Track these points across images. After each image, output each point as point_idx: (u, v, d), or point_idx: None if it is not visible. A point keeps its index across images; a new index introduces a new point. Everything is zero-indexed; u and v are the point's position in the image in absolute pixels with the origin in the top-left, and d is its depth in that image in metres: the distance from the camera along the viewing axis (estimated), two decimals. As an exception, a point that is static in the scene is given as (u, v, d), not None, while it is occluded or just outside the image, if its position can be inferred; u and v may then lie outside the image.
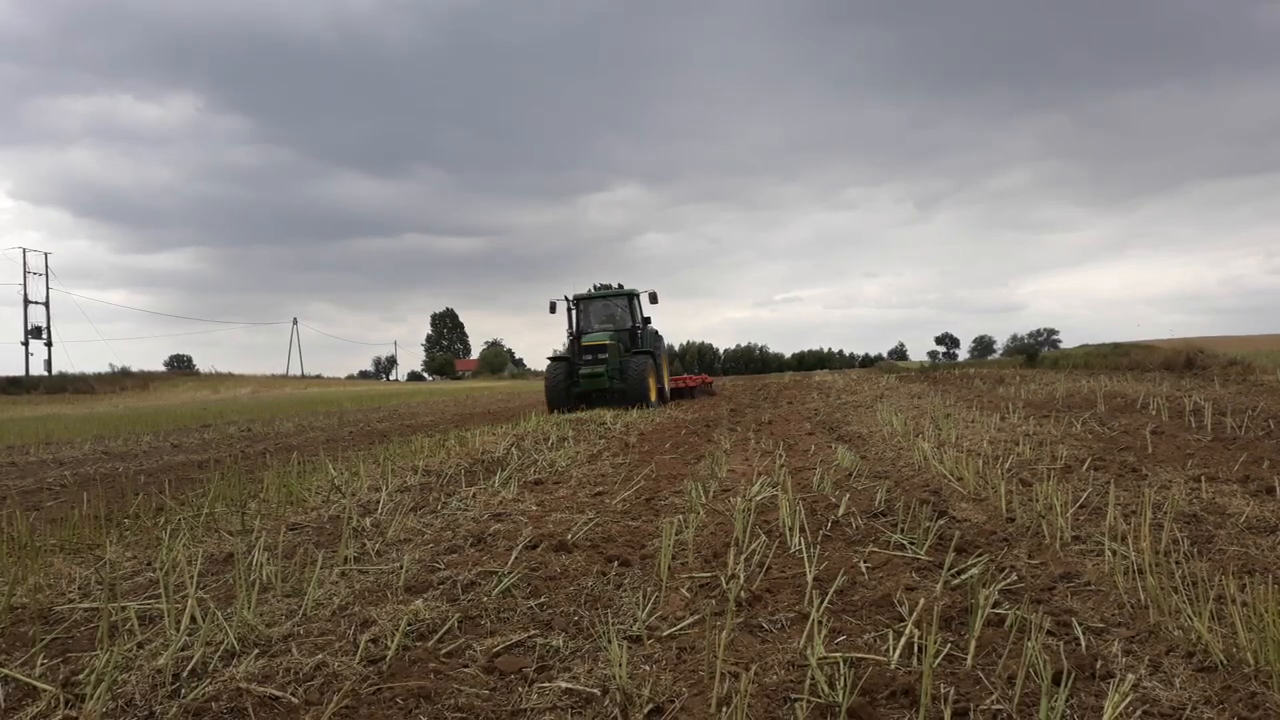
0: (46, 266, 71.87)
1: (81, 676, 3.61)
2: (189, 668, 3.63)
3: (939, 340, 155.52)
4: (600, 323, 24.29)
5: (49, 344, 70.44)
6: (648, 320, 24.67)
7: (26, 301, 70.15)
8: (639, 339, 23.94)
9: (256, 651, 3.82)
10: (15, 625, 4.50)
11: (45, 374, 66.99)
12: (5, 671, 3.71)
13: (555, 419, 17.64)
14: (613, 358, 22.09)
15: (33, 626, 4.42)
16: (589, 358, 22.09)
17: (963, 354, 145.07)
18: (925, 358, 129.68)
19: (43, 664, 3.83)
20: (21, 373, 66.33)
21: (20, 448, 17.81)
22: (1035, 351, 70.50)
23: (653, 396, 21.99)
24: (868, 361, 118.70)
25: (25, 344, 69.17)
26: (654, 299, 23.73)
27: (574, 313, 24.08)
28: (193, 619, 4.20)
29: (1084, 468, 8.06)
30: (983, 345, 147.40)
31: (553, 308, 23.37)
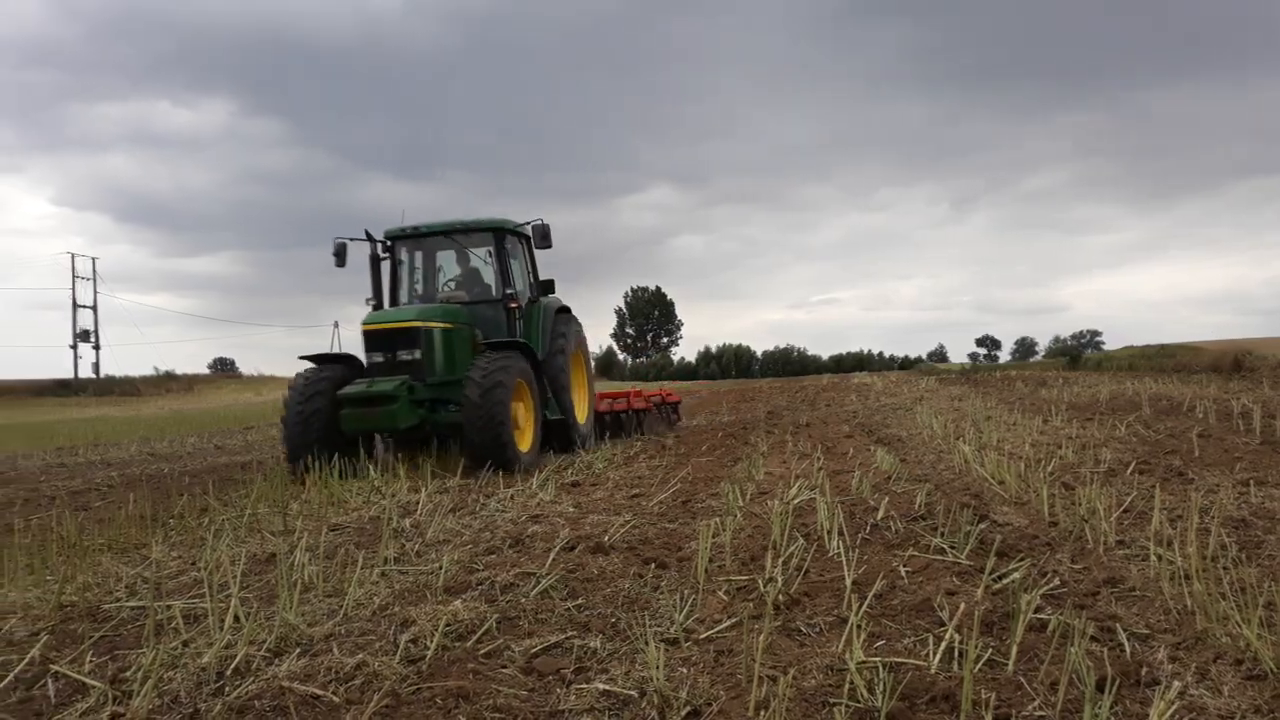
0: (94, 271, 73.21)
1: (129, 674, 3.67)
2: (233, 666, 3.68)
3: (979, 342, 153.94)
4: (441, 288, 12.87)
5: (97, 347, 71.77)
6: (545, 286, 13.26)
7: (75, 306, 71.59)
8: (513, 321, 12.19)
9: (298, 651, 3.87)
10: (65, 623, 4.59)
11: (93, 377, 68.26)
12: (56, 668, 3.79)
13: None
14: (436, 361, 11.07)
15: (82, 624, 4.51)
16: (379, 358, 11.07)
17: (1004, 356, 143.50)
18: (965, 359, 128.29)
19: (91, 661, 3.91)
20: (70, 375, 67.68)
21: (70, 449, 18.18)
22: (1078, 353, 69.51)
23: (525, 445, 10.97)
24: (907, 363, 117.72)
25: (74, 347, 70.58)
26: (545, 236, 12.26)
27: (389, 266, 12.43)
28: (236, 618, 4.26)
29: (1128, 471, 7.93)
30: (1024, 347, 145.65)
31: (340, 255, 12.10)
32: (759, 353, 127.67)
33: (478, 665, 3.64)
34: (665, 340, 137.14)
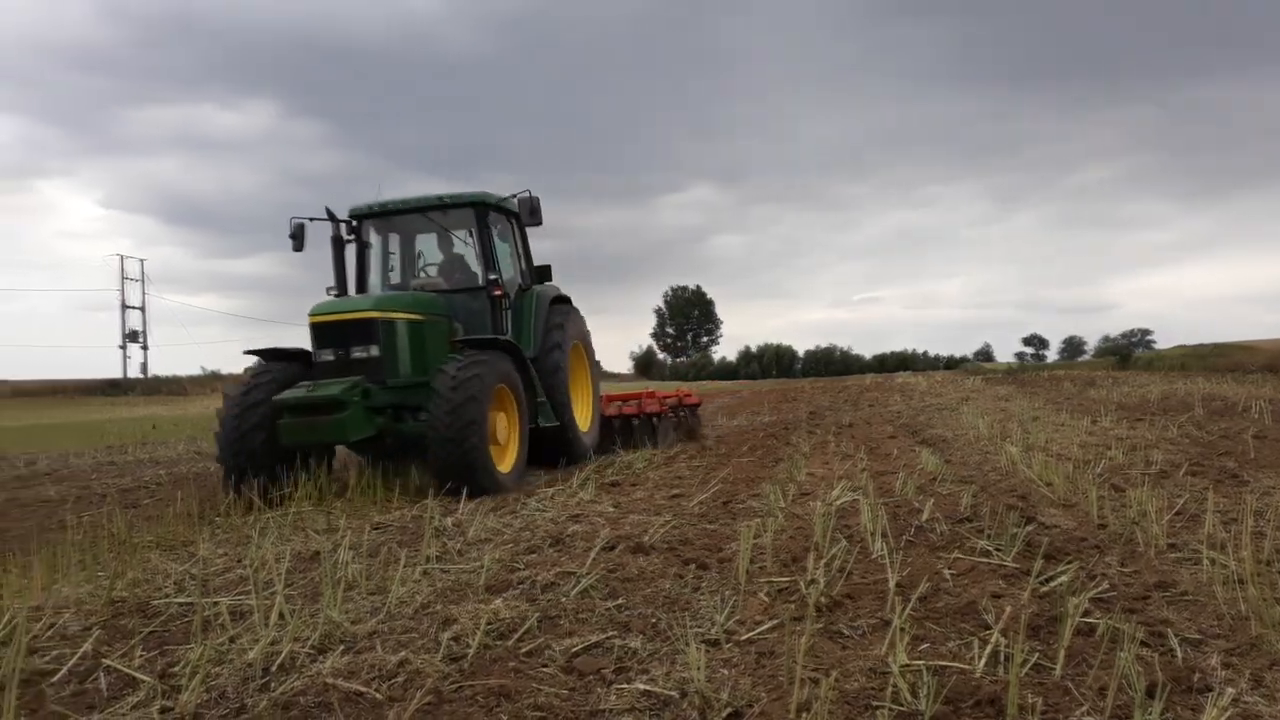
0: (143, 273, 74.53)
1: (177, 668, 3.74)
2: (278, 662, 3.73)
3: (1026, 341, 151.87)
4: (417, 274, 11.24)
5: (145, 347, 73.12)
6: (540, 272, 11.47)
7: (124, 307, 72.98)
8: (499, 313, 10.46)
9: (342, 648, 3.90)
10: (115, 618, 4.68)
11: (141, 376, 69.59)
12: (107, 662, 3.87)
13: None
14: (399, 360, 9.44)
15: (132, 619, 4.60)
16: (329, 355, 9.31)
17: (1051, 355, 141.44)
18: (1012, 359, 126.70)
19: (141, 656, 3.98)
20: (119, 375, 69.05)
21: (119, 447, 18.55)
22: (1128, 353, 68.37)
23: (506, 463, 9.38)
24: (952, 363, 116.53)
25: (123, 347, 71.96)
26: (534, 212, 10.34)
27: (355, 250, 10.76)
28: (281, 615, 4.31)
29: (1180, 473, 7.77)
30: (1072, 346, 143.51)
31: (298, 237, 10.26)
32: (801, 352, 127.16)
33: (519, 664, 3.65)
34: (705, 340, 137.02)
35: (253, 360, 9.71)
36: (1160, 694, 3.06)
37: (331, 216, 10.46)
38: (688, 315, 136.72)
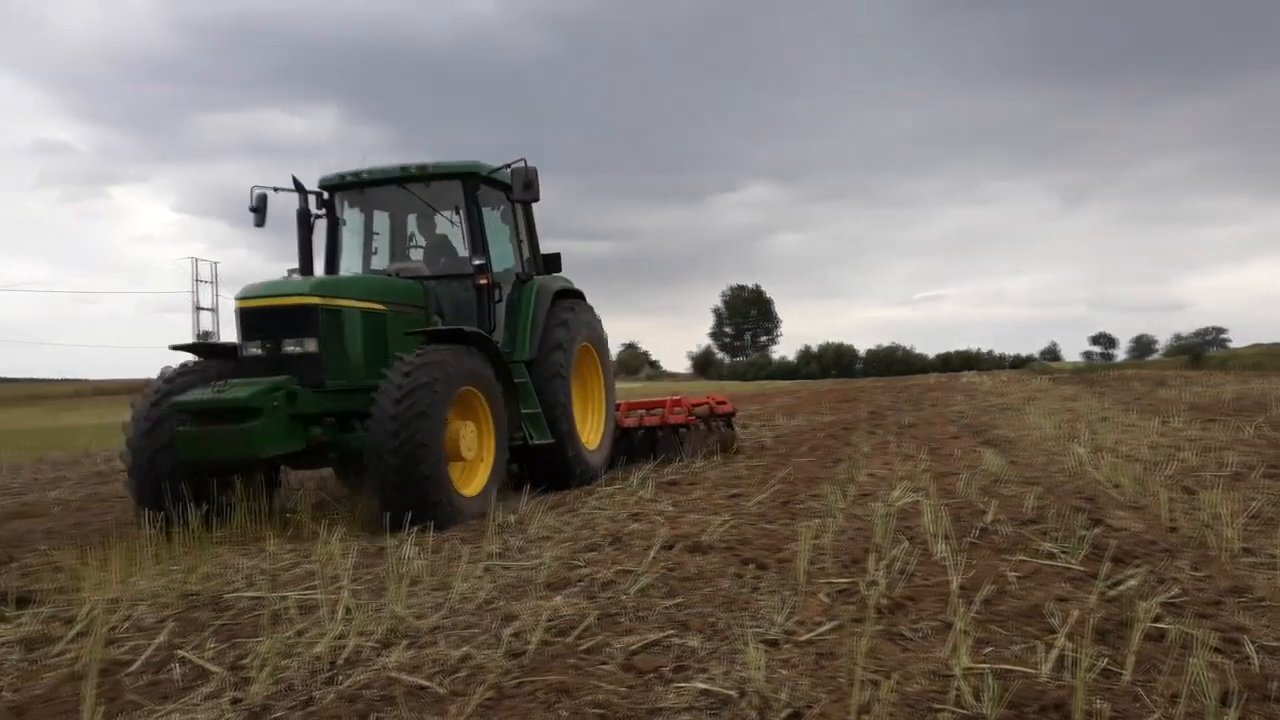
0: (215, 275, 76.03)
1: (247, 660, 3.83)
2: (344, 656, 3.81)
3: (1094, 340, 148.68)
4: (401, 257, 9.57)
5: (217, 348, 74.80)
6: (548, 261, 9.99)
7: (197, 308, 74.92)
8: (487, 305, 8.70)
9: (406, 642, 3.97)
10: (189, 610, 4.82)
11: (214, 376, 71.22)
12: (181, 653, 3.99)
13: None
14: (345, 357, 7.83)
15: (204, 612, 4.73)
16: (256, 349, 7.62)
17: (1120, 354, 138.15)
18: (1079, 358, 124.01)
19: (213, 648, 4.09)
20: (193, 375, 70.74)
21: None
22: (1200, 352, 66.48)
23: (473, 485, 7.67)
24: (1018, 362, 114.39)
25: (196, 348, 73.71)
26: (528, 185, 8.61)
27: (327, 227, 9.27)
28: (347, 610, 4.40)
29: (1255, 475, 7.54)
30: (1142, 345, 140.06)
31: (260, 210, 8.97)
32: (861, 351, 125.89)
33: (578, 661, 3.68)
34: (764, 339, 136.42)
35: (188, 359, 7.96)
36: (1235, 702, 2.97)
37: (298, 186, 8.95)
38: (746, 315, 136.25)
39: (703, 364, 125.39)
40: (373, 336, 7.97)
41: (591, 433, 10.07)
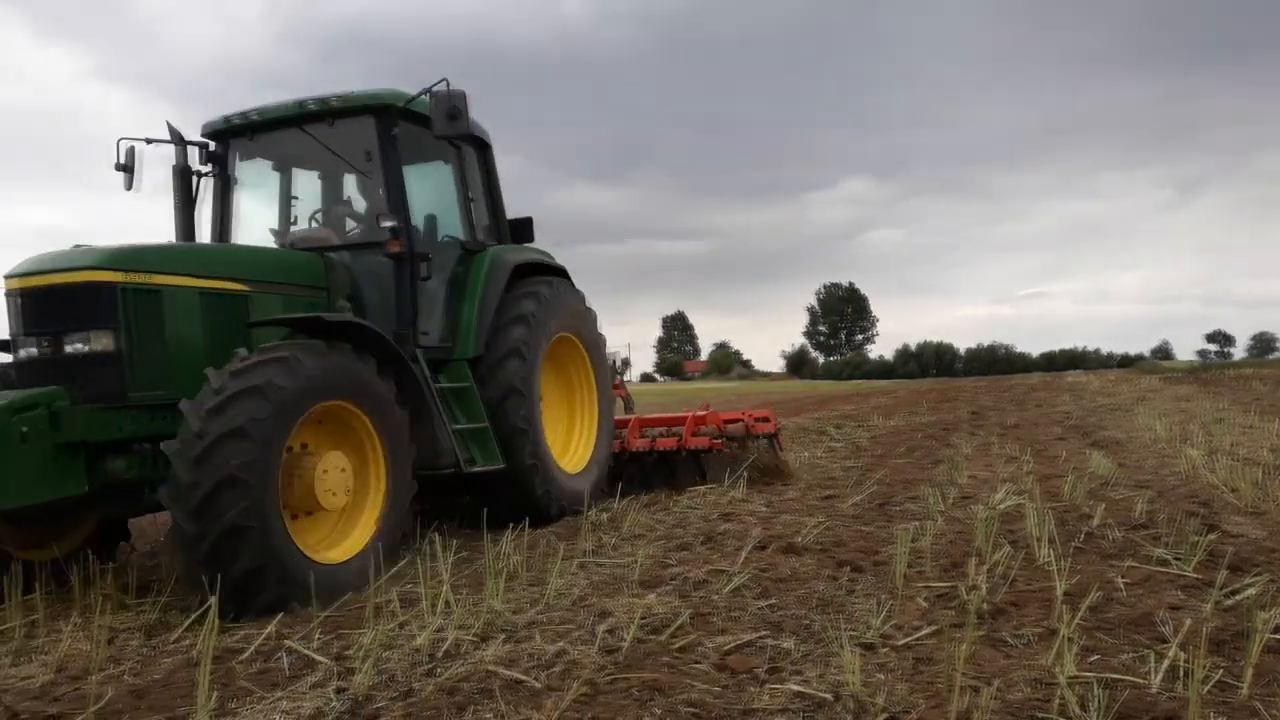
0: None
1: (350, 652, 3.96)
2: (443, 649, 3.90)
3: (1210, 338, 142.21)
4: (309, 222, 7.48)
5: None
6: (516, 228, 8.10)
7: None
8: (409, 282, 6.55)
9: (503, 636, 4.04)
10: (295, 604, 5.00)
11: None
12: (289, 643, 4.14)
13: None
14: (165, 360, 5.46)
15: (310, 606, 4.89)
16: (32, 349, 5.30)
17: (1238, 353, 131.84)
18: (1194, 357, 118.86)
19: (319, 639, 4.23)
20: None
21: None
22: (1328, 350, 62.88)
23: (344, 548, 5.42)
24: (1126, 361, 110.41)
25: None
26: (454, 116, 6.13)
27: (216, 187, 7.16)
28: (447, 604, 4.51)
29: (1389, 481, 7.12)
30: (1262, 343, 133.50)
31: (129, 168, 6.79)
32: (961, 350, 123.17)
33: (672, 659, 3.69)
34: (860, 338, 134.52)
35: None
36: (1364, 720, 2.82)
37: (175, 135, 6.98)
38: (840, 313, 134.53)
39: (796, 363, 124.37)
40: (222, 329, 5.68)
41: (576, 452, 8.02)
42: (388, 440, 5.68)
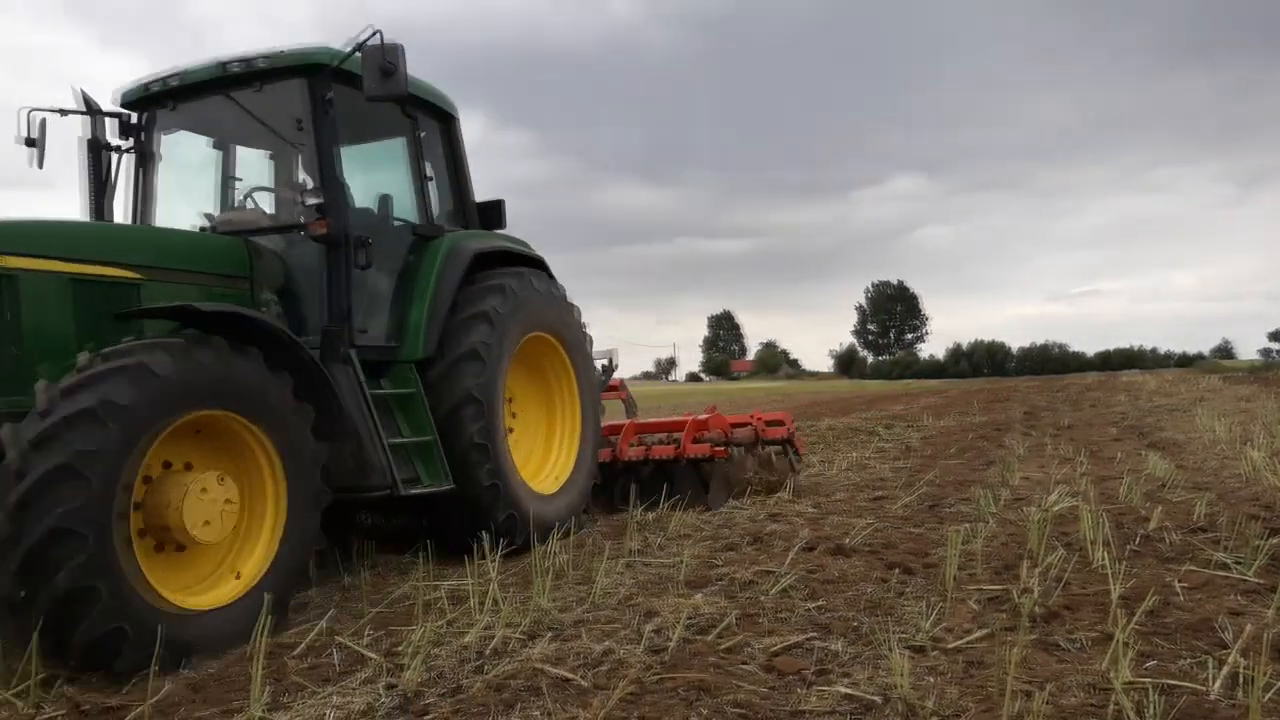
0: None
1: (400, 648, 4.01)
2: (491, 646, 3.93)
3: (1273, 336, 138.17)
4: (241, 202, 6.50)
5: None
6: (485, 215, 7.24)
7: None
8: (340, 268, 5.61)
9: (550, 634, 4.07)
10: (347, 600, 5.08)
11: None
12: (340, 639, 4.20)
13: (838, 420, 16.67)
14: (4, 364, 4.47)
15: (361, 603, 4.96)
16: None
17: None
18: (1256, 356, 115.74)
19: (369, 635, 4.29)
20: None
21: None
22: (1398, 349, 60.96)
23: (220, 592, 4.40)
24: (1185, 361, 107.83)
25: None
26: (387, 72, 5.30)
27: (135, 163, 6.27)
28: (495, 601, 4.54)
29: None
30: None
31: (37, 143, 5.93)
32: (1014, 349, 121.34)
33: (719, 660, 3.68)
34: (910, 336, 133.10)
35: None
36: None
37: (88, 105, 6.16)
38: (890, 311, 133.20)
39: (845, 363, 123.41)
40: (103, 324, 4.72)
41: (554, 468, 7.09)
42: (286, 457, 4.65)
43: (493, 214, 7.25)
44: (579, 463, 7.16)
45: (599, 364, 8.15)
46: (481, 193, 7.16)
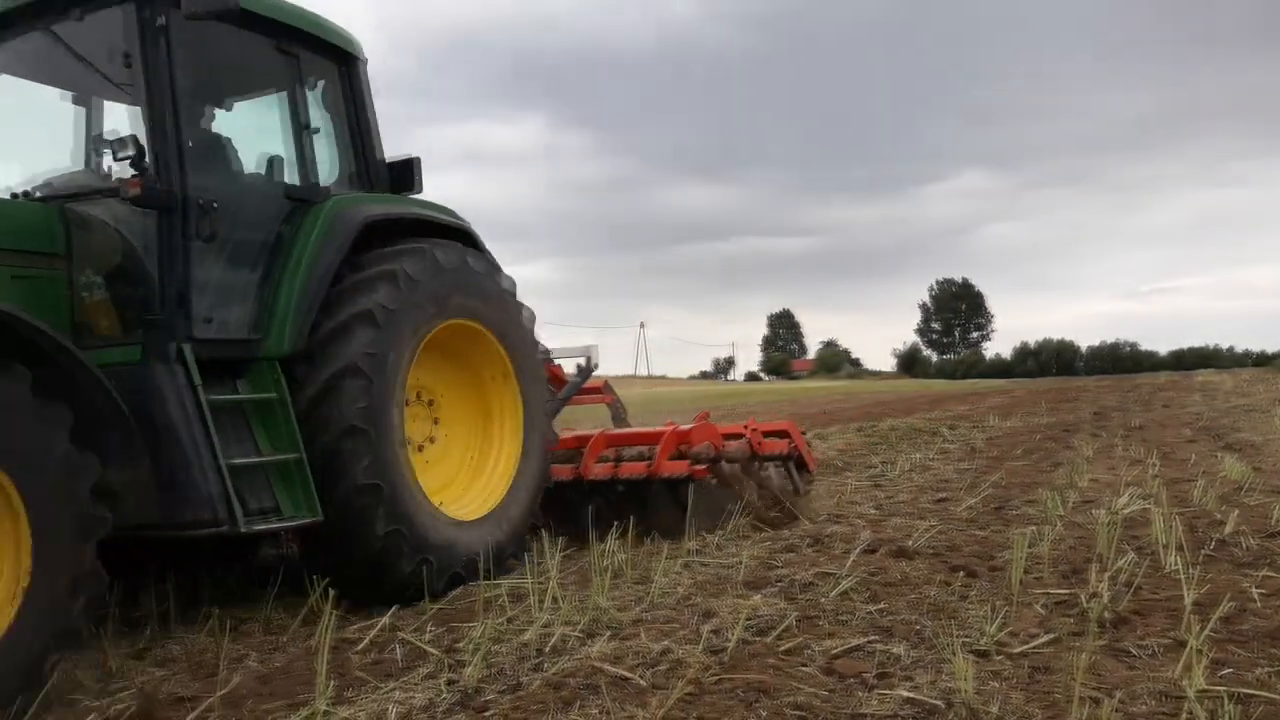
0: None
1: (461, 645, 4.06)
2: (550, 644, 3.95)
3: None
4: (91, 159, 5.32)
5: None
6: (397, 175, 5.84)
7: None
8: (167, 244, 4.46)
9: (609, 633, 4.08)
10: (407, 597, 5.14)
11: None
12: (402, 635, 4.27)
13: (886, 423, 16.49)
14: None
15: (423, 599, 5.02)
16: None
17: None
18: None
19: (431, 632, 4.35)
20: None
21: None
22: None
23: None
24: (1263, 360, 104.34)
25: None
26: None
27: None
28: (554, 599, 4.57)
29: None
30: None
31: None
32: (1083, 348, 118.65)
33: (778, 661, 3.66)
34: (975, 335, 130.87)
35: None
36: None
37: None
38: (955, 310, 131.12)
39: (908, 362, 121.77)
40: None
41: (486, 487, 5.76)
42: (31, 503, 3.41)
43: (404, 175, 5.90)
44: (515, 484, 5.76)
45: (575, 363, 7.30)
46: (548, 199, 6.42)
